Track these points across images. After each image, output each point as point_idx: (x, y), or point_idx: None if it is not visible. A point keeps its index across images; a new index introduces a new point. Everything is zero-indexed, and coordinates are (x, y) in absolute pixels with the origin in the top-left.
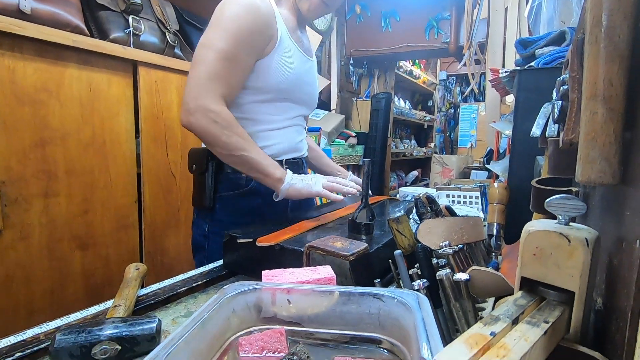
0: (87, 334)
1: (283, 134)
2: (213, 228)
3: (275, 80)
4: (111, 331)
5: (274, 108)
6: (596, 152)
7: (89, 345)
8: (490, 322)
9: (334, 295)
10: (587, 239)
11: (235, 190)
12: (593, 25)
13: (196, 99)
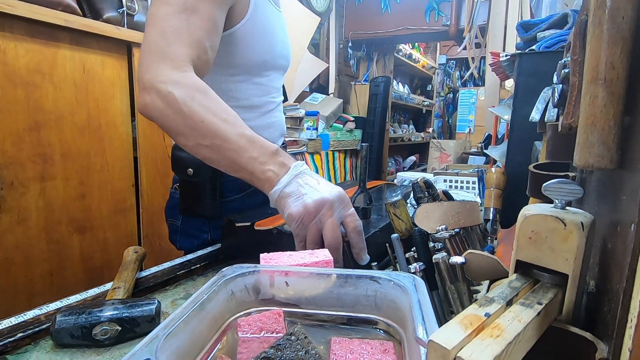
0: (87, 315)
1: (272, 121)
2: (218, 237)
3: (258, 52)
4: (111, 312)
5: (255, 87)
6: (595, 136)
7: (89, 326)
8: (485, 303)
9: (331, 278)
10: (583, 223)
11: (241, 192)
12: (597, 7)
13: (149, 70)
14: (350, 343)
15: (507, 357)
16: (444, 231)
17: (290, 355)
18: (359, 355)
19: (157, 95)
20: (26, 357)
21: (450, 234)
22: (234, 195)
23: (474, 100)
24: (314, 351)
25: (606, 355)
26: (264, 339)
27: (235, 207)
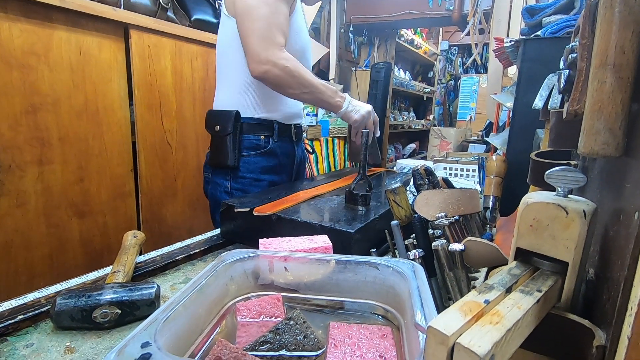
0: (87, 298)
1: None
2: (236, 185)
3: (294, 40)
4: (111, 296)
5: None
6: (601, 123)
7: (89, 309)
8: (485, 290)
9: (330, 264)
10: (585, 211)
11: (255, 151)
12: None
13: (266, 50)
14: (348, 328)
15: (506, 344)
16: (444, 218)
17: (288, 339)
18: (357, 340)
19: (275, 67)
20: (27, 338)
21: (449, 222)
22: (249, 152)
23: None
24: (312, 335)
25: (604, 343)
26: (263, 323)
27: (250, 162)
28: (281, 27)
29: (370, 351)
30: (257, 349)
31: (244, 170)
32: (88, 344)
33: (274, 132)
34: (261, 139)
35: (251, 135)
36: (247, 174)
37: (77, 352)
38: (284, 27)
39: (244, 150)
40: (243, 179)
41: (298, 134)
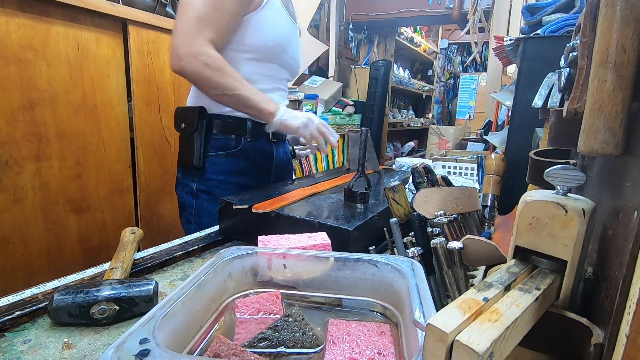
0: (84, 295)
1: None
2: (202, 186)
3: (263, 38)
4: (109, 292)
5: (260, 68)
6: (601, 122)
7: (87, 305)
8: (483, 288)
9: (329, 261)
10: (584, 210)
11: (224, 151)
12: None
13: (187, 44)
14: (347, 325)
15: (505, 341)
16: (443, 216)
17: (287, 336)
18: (355, 337)
19: (194, 62)
20: (24, 334)
21: (448, 220)
22: (217, 152)
23: (474, 86)
24: (311, 332)
25: (602, 341)
26: (262, 320)
27: (219, 163)
28: (215, 23)
29: (369, 348)
30: (255, 346)
31: (210, 171)
32: (86, 340)
33: (247, 131)
34: (231, 138)
35: (220, 135)
36: (213, 176)
37: (74, 348)
38: (220, 22)
39: (211, 150)
40: (209, 181)
41: (277, 134)
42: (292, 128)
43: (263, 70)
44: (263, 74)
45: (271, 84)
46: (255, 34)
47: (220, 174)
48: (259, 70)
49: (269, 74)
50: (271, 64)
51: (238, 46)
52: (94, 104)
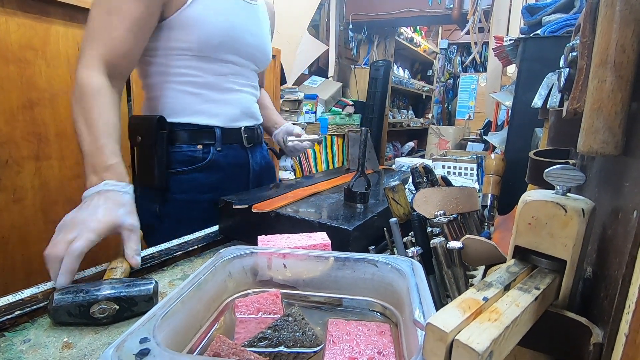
0: (84, 294)
1: (232, 98)
2: (166, 208)
3: (201, 35)
4: (109, 291)
5: (212, 68)
6: (601, 122)
7: (87, 304)
8: (483, 287)
9: (329, 261)
10: (584, 209)
11: (190, 165)
12: None
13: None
14: (347, 325)
15: (505, 341)
16: (442, 216)
17: (287, 335)
18: (355, 336)
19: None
20: (24, 334)
21: (448, 220)
22: (182, 167)
23: (474, 87)
24: (310, 332)
25: (601, 340)
26: (262, 319)
27: (185, 180)
28: (106, 36)
29: (369, 348)
30: (255, 345)
31: (175, 190)
32: (86, 340)
33: (216, 139)
34: (198, 149)
35: (184, 146)
36: (179, 195)
37: (74, 348)
38: (113, 32)
39: (175, 165)
40: (175, 202)
41: (252, 138)
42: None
43: (216, 70)
44: (217, 74)
45: (233, 84)
46: (190, 32)
47: (188, 192)
48: (210, 70)
49: (225, 72)
50: (224, 61)
51: (177, 50)
52: None
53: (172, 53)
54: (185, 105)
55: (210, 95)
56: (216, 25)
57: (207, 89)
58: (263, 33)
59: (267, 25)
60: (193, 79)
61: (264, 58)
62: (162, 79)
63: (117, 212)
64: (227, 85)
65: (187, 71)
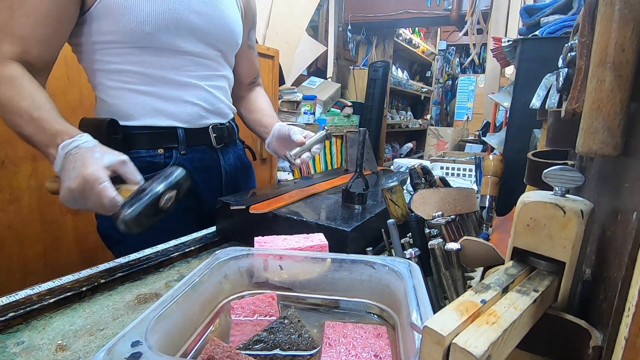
0: (148, 196)
1: (191, 94)
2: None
3: (127, 23)
4: (161, 185)
5: (159, 60)
6: (600, 122)
7: (155, 201)
8: (481, 290)
9: (325, 262)
10: (583, 211)
11: (151, 172)
12: None
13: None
14: (343, 327)
15: (503, 344)
16: (440, 217)
17: (283, 338)
18: (352, 339)
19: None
20: (17, 336)
21: (446, 221)
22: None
23: (473, 88)
24: (307, 334)
25: (600, 343)
26: (257, 322)
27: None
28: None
29: (365, 350)
30: (251, 348)
31: None
32: (80, 342)
33: (179, 141)
34: (159, 154)
35: (143, 151)
36: None
37: (68, 350)
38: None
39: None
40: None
41: (223, 137)
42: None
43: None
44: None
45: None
46: (119, 22)
47: None
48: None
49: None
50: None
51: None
52: (91, 104)
53: (104, 48)
54: (138, 105)
55: (164, 92)
56: (141, 10)
57: (159, 84)
58: (219, 11)
59: (229, 3)
60: (139, 75)
61: (227, 39)
62: (105, 78)
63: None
64: (183, 79)
65: (129, 67)
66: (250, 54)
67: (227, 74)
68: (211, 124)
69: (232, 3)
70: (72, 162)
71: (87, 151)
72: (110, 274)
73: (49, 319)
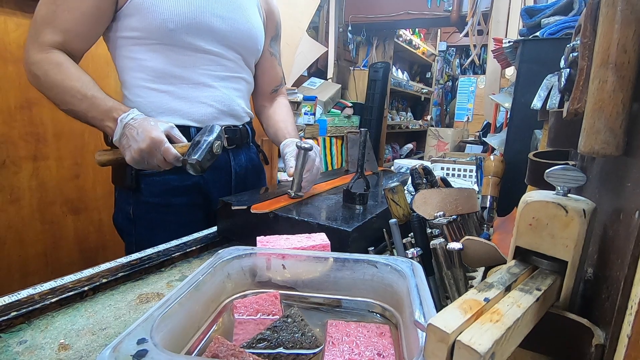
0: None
1: (207, 95)
2: (139, 211)
3: (152, 21)
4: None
5: (178, 58)
6: (602, 122)
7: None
8: (484, 288)
9: (328, 261)
10: (585, 210)
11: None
12: None
13: (26, 52)
14: (346, 326)
15: (506, 342)
16: (442, 217)
17: (286, 337)
18: (355, 338)
19: (29, 74)
20: (20, 335)
21: (448, 221)
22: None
23: (473, 89)
24: (310, 333)
25: (603, 342)
26: (260, 320)
27: (157, 182)
28: (55, 21)
29: (368, 349)
30: (254, 347)
31: (147, 193)
32: (82, 341)
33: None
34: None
35: None
36: (150, 198)
37: (71, 350)
38: (61, 23)
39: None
40: (146, 204)
41: (234, 139)
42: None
43: (186, 58)
44: (188, 63)
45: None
46: (145, 19)
47: (158, 196)
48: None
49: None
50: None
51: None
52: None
53: (130, 44)
54: (156, 104)
55: (181, 92)
56: (168, 8)
57: (177, 83)
58: (242, 18)
59: (250, 9)
60: (159, 73)
61: (247, 43)
62: (129, 75)
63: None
64: (201, 78)
65: (151, 64)
66: (272, 61)
67: (246, 76)
68: (224, 125)
69: (254, 11)
70: (134, 129)
71: (143, 120)
72: (112, 274)
73: (51, 318)
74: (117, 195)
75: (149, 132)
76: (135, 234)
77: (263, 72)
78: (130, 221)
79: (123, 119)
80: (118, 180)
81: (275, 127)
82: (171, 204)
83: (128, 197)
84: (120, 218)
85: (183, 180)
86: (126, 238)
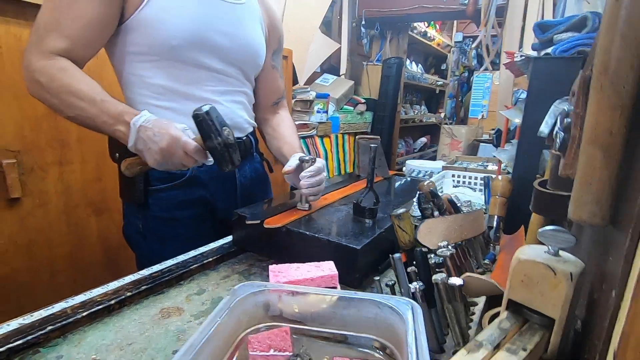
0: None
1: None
2: (148, 225)
3: (156, 37)
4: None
5: (182, 74)
6: (589, 196)
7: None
8: (473, 349)
9: (333, 298)
10: (572, 274)
11: (169, 183)
12: (600, 73)
13: (27, 59)
14: None
15: None
16: (445, 249)
17: None
18: None
19: (31, 82)
20: (57, 350)
21: (450, 253)
22: (160, 185)
23: (488, 85)
24: None
25: None
26: (272, 357)
27: (164, 197)
28: (59, 28)
29: None
30: None
31: (154, 207)
32: (112, 356)
33: None
34: None
35: None
36: (158, 213)
37: None
38: (65, 30)
39: (154, 182)
40: (155, 219)
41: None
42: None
43: (189, 75)
44: (191, 80)
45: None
46: (149, 34)
47: (166, 211)
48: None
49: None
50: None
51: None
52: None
53: (134, 60)
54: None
55: (184, 109)
56: (172, 25)
57: (179, 99)
58: (243, 34)
59: (252, 25)
60: (162, 89)
61: (248, 59)
62: (133, 92)
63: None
64: (203, 94)
65: (154, 81)
66: (273, 74)
67: (246, 90)
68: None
69: (257, 26)
70: (150, 130)
71: (157, 121)
72: (136, 286)
73: (83, 333)
74: (125, 208)
75: (166, 129)
76: (146, 247)
77: (264, 85)
78: (141, 235)
79: (136, 122)
80: (127, 195)
81: (281, 141)
82: (179, 218)
83: (137, 211)
84: (130, 231)
85: (188, 194)
86: (137, 250)
